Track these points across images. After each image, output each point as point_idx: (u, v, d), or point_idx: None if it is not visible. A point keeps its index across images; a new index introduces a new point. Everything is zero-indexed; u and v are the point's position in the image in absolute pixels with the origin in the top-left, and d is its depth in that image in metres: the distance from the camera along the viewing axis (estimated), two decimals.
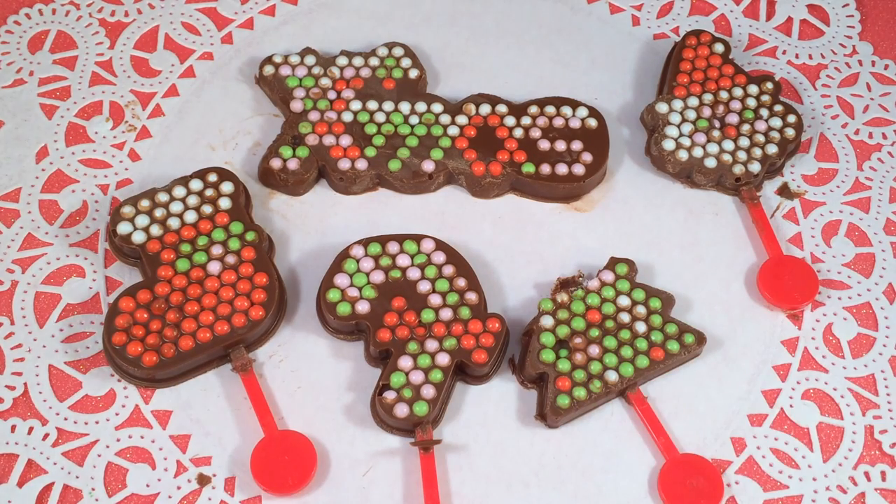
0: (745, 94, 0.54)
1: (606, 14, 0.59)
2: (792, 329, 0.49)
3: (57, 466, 0.44)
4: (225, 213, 0.48)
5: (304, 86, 0.53)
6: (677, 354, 0.46)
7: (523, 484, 0.45)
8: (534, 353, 0.46)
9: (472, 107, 0.53)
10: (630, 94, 0.56)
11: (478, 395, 0.47)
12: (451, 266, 0.47)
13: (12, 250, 0.49)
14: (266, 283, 0.46)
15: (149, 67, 0.55)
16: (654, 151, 0.53)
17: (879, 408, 0.47)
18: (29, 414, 0.45)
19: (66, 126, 0.53)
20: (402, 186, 0.51)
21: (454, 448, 0.45)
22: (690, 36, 0.55)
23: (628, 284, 0.48)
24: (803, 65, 0.57)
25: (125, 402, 0.45)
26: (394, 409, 0.44)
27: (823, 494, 0.45)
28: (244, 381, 0.45)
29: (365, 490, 0.44)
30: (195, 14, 0.57)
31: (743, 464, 0.46)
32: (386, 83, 0.53)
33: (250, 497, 0.44)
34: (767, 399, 0.47)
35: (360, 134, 0.52)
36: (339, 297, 0.46)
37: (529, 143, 0.52)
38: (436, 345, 0.45)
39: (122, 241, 0.47)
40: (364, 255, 0.47)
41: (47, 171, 0.51)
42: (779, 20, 0.59)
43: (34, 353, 0.46)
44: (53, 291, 0.48)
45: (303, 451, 0.44)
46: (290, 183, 0.51)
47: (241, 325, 0.45)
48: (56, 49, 0.55)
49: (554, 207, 0.52)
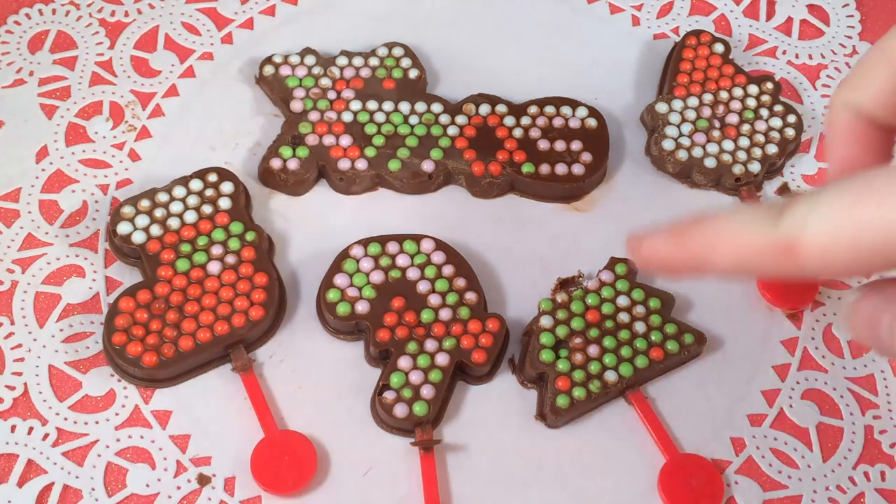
0: (745, 94, 0.54)
1: (606, 14, 0.59)
2: (791, 329, 0.49)
3: (57, 466, 0.44)
4: (225, 213, 0.48)
5: (304, 86, 0.53)
6: (677, 354, 0.46)
7: (523, 484, 0.45)
8: (533, 353, 0.46)
9: (472, 107, 0.53)
10: (630, 94, 0.56)
11: (478, 395, 0.47)
12: (450, 266, 0.47)
13: (12, 250, 0.49)
14: (266, 283, 0.46)
15: (149, 67, 0.55)
16: (654, 151, 0.53)
17: (879, 408, 0.47)
18: (29, 414, 0.45)
19: (66, 126, 0.53)
20: (402, 186, 0.51)
21: (454, 448, 0.45)
22: (690, 36, 0.56)
23: (628, 284, 0.48)
24: (803, 65, 0.58)
25: (125, 402, 0.45)
26: (393, 409, 0.44)
27: (823, 494, 0.45)
28: (244, 381, 0.45)
29: (365, 490, 0.44)
30: (195, 14, 0.57)
31: (743, 464, 0.46)
32: (386, 83, 0.53)
33: (250, 497, 0.44)
34: (767, 399, 0.47)
35: (360, 134, 0.52)
36: (339, 297, 0.46)
37: (529, 143, 0.52)
38: (435, 345, 0.45)
39: (122, 241, 0.47)
40: (364, 255, 0.47)
41: (47, 171, 0.51)
42: (779, 20, 0.59)
43: (34, 353, 0.46)
44: (53, 291, 0.48)
45: (303, 451, 0.44)
46: (290, 183, 0.51)
47: (240, 325, 0.45)
48: (56, 49, 0.55)
49: (554, 207, 0.52)
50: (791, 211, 0.28)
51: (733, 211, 0.30)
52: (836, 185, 0.27)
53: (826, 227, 0.27)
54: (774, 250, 0.28)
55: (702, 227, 0.31)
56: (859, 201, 0.26)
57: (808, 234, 0.27)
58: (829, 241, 0.27)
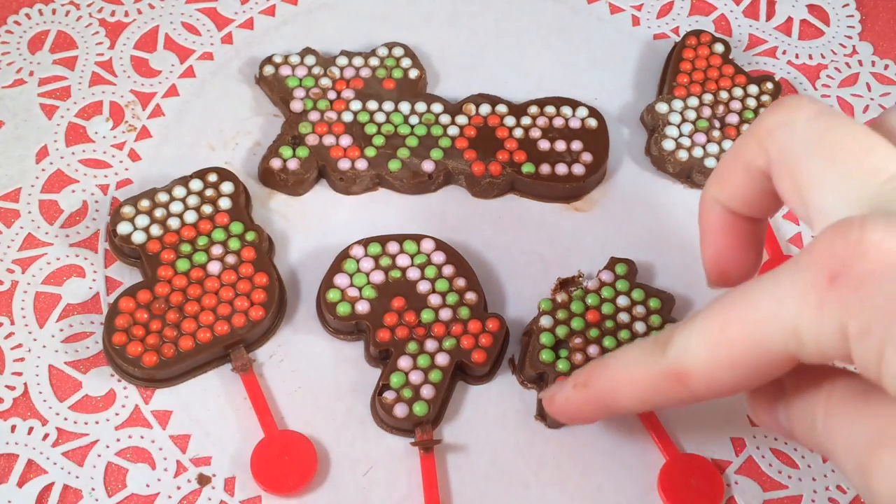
0: (745, 94, 0.54)
1: (606, 14, 0.59)
2: None
3: (57, 466, 0.44)
4: (225, 213, 0.48)
5: (304, 86, 0.53)
6: None
7: (523, 484, 0.45)
8: (533, 352, 0.46)
9: (472, 107, 0.53)
10: (630, 94, 0.56)
11: (478, 395, 0.47)
12: (450, 266, 0.47)
13: (12, 250, 0.49)
14: (266, 283, 0.46)
15: (149, 67, 0.55)
16: (654, 151, 0.53)
17: None
18: (29, 414, 0.45)
19: (66, 126, 0.53)
20: (402, 186, 0.51)
21: (454, 448, 0.45)
22: (690, 36, 0.56)
23: (628, 284, 0.48)
24: (803, 65, 0.58)
25: (125, 402, 0.45)
26: (393, 409, 0.44)
27: (823, 494, 0.45)
28: (244, 381, 0.45)
29: (365, 490, 0.44)
30: (195, 14, 0.57)
31: (743, 464, 0.46)
32: (386, 83, 0.53)
33: (250, 497, 0.44)
34: None
35: (360, 134, 0.52)
36: (339, 297, 0.46)
37: (529, 143, 0.52)
38: (435, 345, 0.45)
39: (122, 241, 0.47)
40: (364, 255, 0.48)
41: (47, 171, 0.51)
42: (779, 20, 0.59)
43: (34, 353, 0.46)
44: (53, 291, 0.48)
45: (303, 451, 0.44)
46: (290, 183, 0.51)
47: (241, 326, 0.45)
48: (56, 49, 0.55)
49: (554, 207, 0.52)
50: (673, 342, 0.30)
51: (624, 348, 0.33)
52: (706, 309, 0.30)
53: (704, 350, 0.29)
54: (667, 381, 0.31)
55: (599, 371, 0.34)
56: (726, 319, 0.29)
57: (690, 361, 0.30)
58: (710, 364, 0.29)
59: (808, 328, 0.28)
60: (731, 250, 0.36)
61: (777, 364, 0.29)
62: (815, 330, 0.28)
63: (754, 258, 0.37)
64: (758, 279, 0.30)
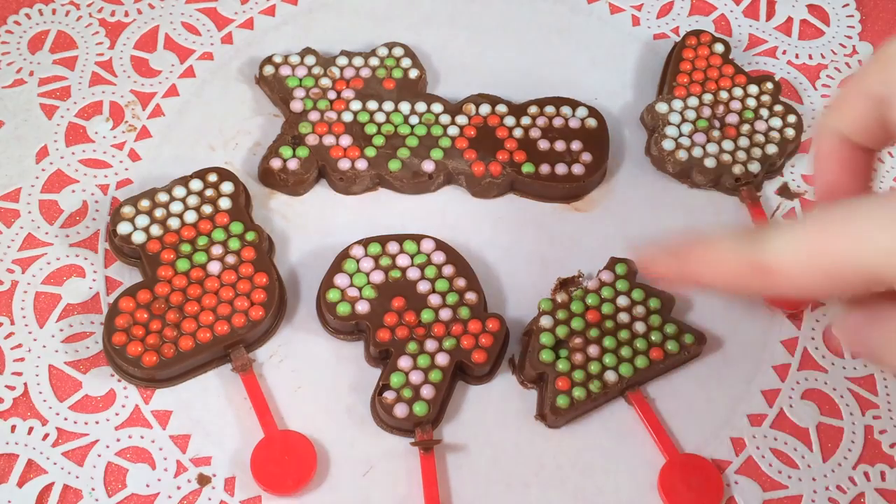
0: (745, 94, 0.54)
1: (606, 14, 0.59)
2: (791, 329, 0.49)
3: (57, 466, 0.44)
4: (225, 213, 0.48)
5: (304, 86, 0.53)
6: (677, 354, 0.46)
7: (523, 484, 0.45)
8: (533, 353, 0.46)
9: (472, 107, 0.53)
10: (630, 94, 0.56)
11: (478, 395, 0.47)
12: (450, 266, 0.47)
13: (12, 250, 0.49)
14: (266, 283, 0.46)
15: (149, 67, 0.55)
16: (654, 151, 0.53)
17: (879, 408, 0.47)
18: (29, 414, 0.45)
19: (66, 126, 0.53)
20: (402, 186, 0.51)
21: (454, 448, 0.45)
22: (690, 36, 0.56)
23: (628, 284, 0.48)
24: (803, 65, 0.58)
25: (125, 402, 0.45)
26: (393, 409, 0.44)
27: (823, 494, 0.45)
28: (244, 381, 0.45)
29: (365, 490, 0.44)
30: (195, 14, 0.57)
31: (743, 464, 0.46)
32: (386, 83, 0.53)
33: (250, 497, 0.44)
34: (767, 399, 0.47)
35: (360, 134, 0.52)
36: (339, 297, 0.46)
37: (529, 143, 0.52)
38: (435, 345, 0.45)
39: (122, 241, 0.47)
40: (364, 255, 0.47)
41: (47, 171, 0.51)
42: (779, 20, 0.59)
43: (34, 353, 0.46)
44: (53, 291, 0.48)
45: (303, 451, 0.44)
46: (290, 183, 0.51)
47: (241, 325, 0.45)
48: (56, 49, 0.55)
49: (554, 207, 0.52)
50: (769, 238, 0.31)
51: (720, 236, 0.34)
52: (808, 217, 0.31)
53: (801, 255, 0.31)
54: (752, 271, 0.32)
55: (693, 249, 0.35)
56: (827, 231, 0.30)
57: (783, 259, 0.31)
58: (802, 267, 0.31)
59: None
60: (842, 178, 0.37)
61: (865, 282, 0.30)
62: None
63: (863, 189, 0.37)
64: (862, 198, 0.30)
